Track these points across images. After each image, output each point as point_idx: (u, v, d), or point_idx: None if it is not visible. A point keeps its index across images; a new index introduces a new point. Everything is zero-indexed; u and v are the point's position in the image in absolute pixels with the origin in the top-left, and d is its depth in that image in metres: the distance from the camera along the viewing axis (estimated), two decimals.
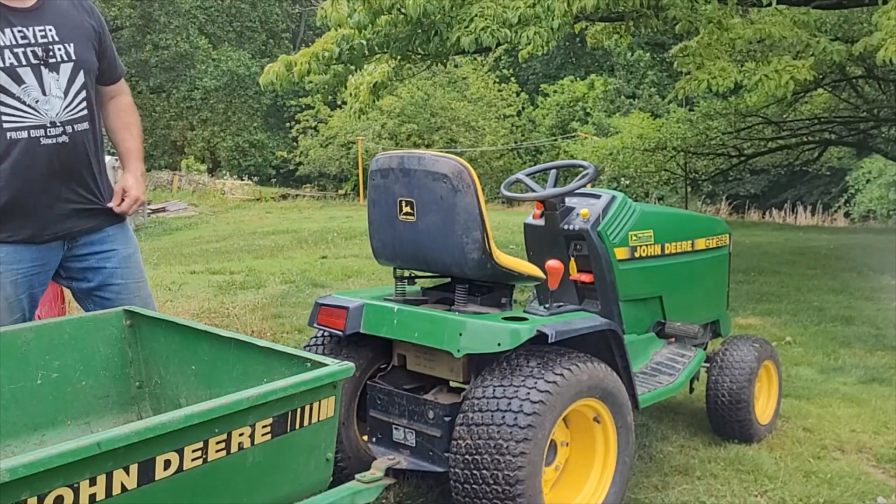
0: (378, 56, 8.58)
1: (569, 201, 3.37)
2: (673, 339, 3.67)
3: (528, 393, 2.49)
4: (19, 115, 2.65)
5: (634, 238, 3.36)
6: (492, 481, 2.45)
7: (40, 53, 2.68)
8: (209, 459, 1.86)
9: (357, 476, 2.50)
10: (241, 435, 1.92)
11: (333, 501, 2.29)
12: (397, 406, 2.90)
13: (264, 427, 1.97)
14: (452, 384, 3.02)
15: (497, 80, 27.86)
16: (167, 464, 1.78)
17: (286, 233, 16.35)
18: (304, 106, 31.84)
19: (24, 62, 2.65)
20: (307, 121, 31.88)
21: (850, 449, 3.79)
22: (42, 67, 2.68)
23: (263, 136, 35.51)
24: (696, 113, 16.97)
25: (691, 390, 3.94)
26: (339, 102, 15.46)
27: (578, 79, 28.80)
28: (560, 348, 2.69)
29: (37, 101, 2.68)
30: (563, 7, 6.86)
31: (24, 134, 2.65)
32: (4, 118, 2.62)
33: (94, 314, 2.75)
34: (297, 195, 29.42)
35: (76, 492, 1.63)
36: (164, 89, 34.40)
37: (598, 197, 3.40)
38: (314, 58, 8.18)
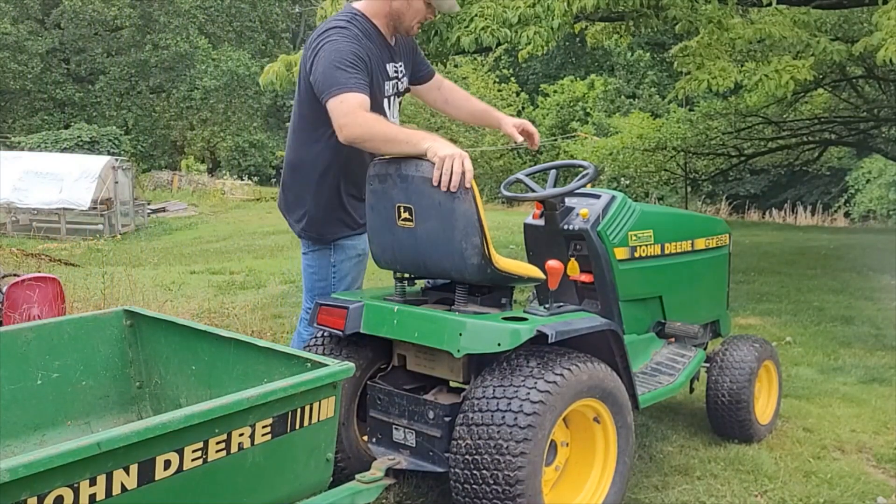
0: None
1: (568, 201, 3.37)
2: (673, 339, 3.67)
3: (529, 393, 2.49)
4: None
5: (634, 238, 3.36)
6: (492, 481, 2.45)
7: (399, 87, 3.20)
8: (209, 459, 1.86)
9: (357, 476, 2.50)
10: (241, 435, 1.92)
11: (333, 502, 2.29)
12: (397, 406, 2.89)
13: (264, 427, 1.97)
14: (452, 384, 3.01)
15: (497, 80, 27.86)
16: (167, 464, 1.78)
17: (286, 233, 16.33)
18: None
19: (391, 92, 3.14)
20: None
21: (850, 449, 3.78)
22: (395, 98, 3.19)
23: (263, 136, 35.53)
24: (696, 113, 16.98)
25: (691, 390, 3.93)
26: None
27: (578, 79, 28.83)
28: (560, 348, 2.69)
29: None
30: (563, 7, 6.86)
31: None
32: None
33: (94, 314, 2.76)
34: None
35: (76, 492, 1.63)
36: (164, 89, 34.39)
37: (597, 197, 3.40)
38: None
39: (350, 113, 2.75)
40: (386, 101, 3.09)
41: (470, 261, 2.67)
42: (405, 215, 2.77)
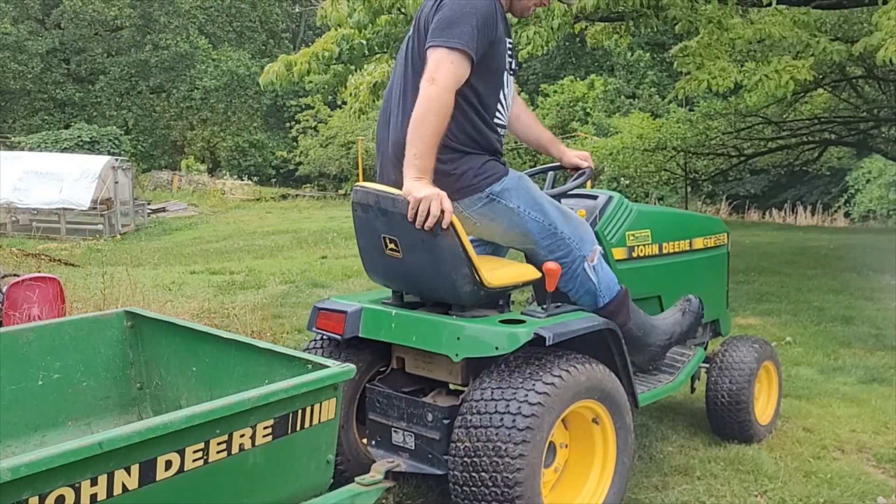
0: (378, 56, 8.58)
1: (565, 202, 3.36)
2: None
3: (527, 395, 2.49)
4: (501, 114, 2.87)
5: (632, 238, 3.36)
6: (490, 483, 2.45)
7: (513, 65, 2.93)
8: (210, 460, 1.86)
9: (357, 479, 2.50)
10: (242, 436, 1.92)
11: None
12: (396, 409, 2.89)
13: (265, 428, 1.98)
14: (451, 386, 3.02)
15: None
16: (168, 464, 1.79)
17: (286, 233, 16.36)
18: (304, 106, 31.85)
19: (510, 68, 2.88)
20: (307, 121, 31.89)
21: (850, 449, 3.79)
22: (510, 75, 2.90)
23: (263, 136, 35.53)
24: (696, 113, 16.97)
25: (693, 390, 3.94)
26: (339, 102, 15.53)
27: (578, 79, 28.78)
28: (558, 350, 2.69)
29: (507, 104, 2.90)
30: (563, 7, 6.86)
31: (502, 131, 2.91)
32: (497, 114, 2.84)
33: (94, 315, 2.76)
34: (297, 195, 29.45)
35: (77, 491, 1.63)
36: (164, 89, 34.40)
37: (594, 198, 3.40)
38: (314, 58, 8.19)
39: (448, 81, 2.54)
40: (506, 73, 2.85)
41: (462, 289, 2.68)
42: (391, 246, 2.76)
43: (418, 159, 2.53)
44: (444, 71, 2.55)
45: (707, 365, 3.74)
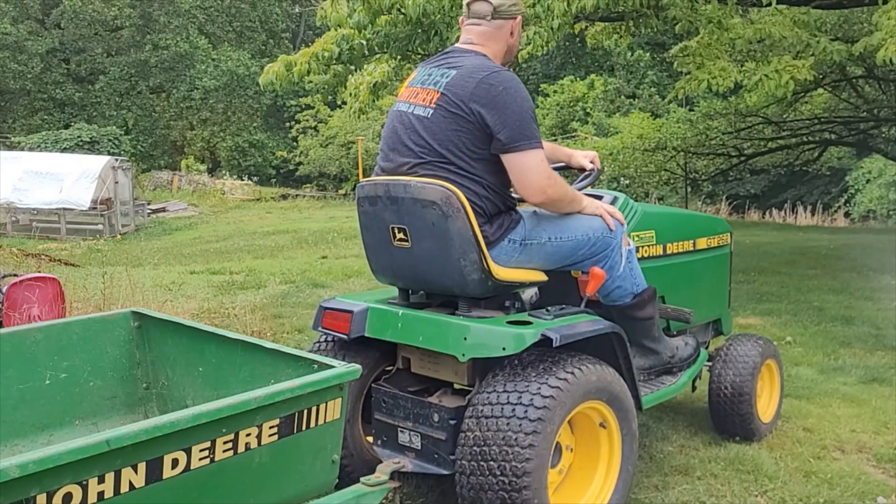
0: (378, 56, 8.59)
1: None
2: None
3: (539, 388, 2.50)
4: None
5: (636, 239, 3.36)
6: (499, 472, 2.45)
7: None
8: (216, 459, 1.88)
9: (362, 479, 2.51)
10: (248, 435, 1.94)
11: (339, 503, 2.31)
12: (402, 409, 2.90)
13: (271, 428, 1.99)
14: (457, 386, 3.02)
15: None
16: (175, 463, 1.80)
17: (286, 233, 16.36)
18: (304, 106, 31.87)
19: None
20: (307, 121, 31.93)
21: (850, 449, 3.80)
22: None
23: (263, 136, 35.54)
24: (696, 113, 16.97)
25: (693, 389, 3.95)
26: (339, 102, 15.54)
27: (578, 79, 28.78)
28: (568, 350, 2.70)
29: None
30: (563, 7, 6.87)
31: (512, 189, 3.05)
32: None
33: (102, 315, 2.77)
34: (297, 195, 29.47)
35: (85, 489, 1.65)
36: (164, 89, 34.40)
37: (599, 198, 3.41)
38: (314, 58, 8.20)
39: (553, 175, 2.76)
40: None
41: (470, 277, 2.68)
42: (400, 236, 2.77)
43: (579, 197, 2.91)
44: (545, 171, 2.73)
45: (710, 363, 3.76)
